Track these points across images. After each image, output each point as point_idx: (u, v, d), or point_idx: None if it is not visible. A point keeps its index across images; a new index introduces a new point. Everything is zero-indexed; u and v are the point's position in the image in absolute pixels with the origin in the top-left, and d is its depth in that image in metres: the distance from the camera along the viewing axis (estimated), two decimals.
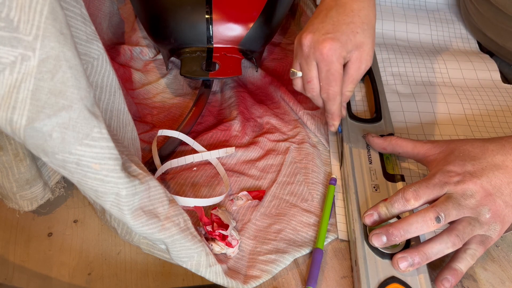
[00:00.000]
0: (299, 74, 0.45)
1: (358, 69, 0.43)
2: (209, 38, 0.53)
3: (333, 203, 0.44)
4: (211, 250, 0.38)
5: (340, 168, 0.47)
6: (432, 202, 0.36)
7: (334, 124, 0.46)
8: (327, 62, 0.41)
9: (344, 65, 0.43)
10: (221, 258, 0.39)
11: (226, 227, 0.40)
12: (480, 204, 0.35)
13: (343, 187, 0.45)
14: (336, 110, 0.45)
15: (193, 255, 0.35)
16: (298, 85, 0.46)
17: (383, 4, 0.69)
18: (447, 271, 0.35)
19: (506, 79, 0.61)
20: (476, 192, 0.35)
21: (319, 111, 0.54)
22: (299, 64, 0.44)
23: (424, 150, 0.41)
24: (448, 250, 0.34)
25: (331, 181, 0.45)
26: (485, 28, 0.59)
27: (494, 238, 0.35)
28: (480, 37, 0.63)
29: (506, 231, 0.38)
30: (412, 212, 0.37)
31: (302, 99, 0.57)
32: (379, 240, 0.35)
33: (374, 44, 0.43)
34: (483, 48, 0.65)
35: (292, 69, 0.45)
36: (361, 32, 0.42)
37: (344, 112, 0.48)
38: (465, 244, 0.35)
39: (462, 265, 0.35)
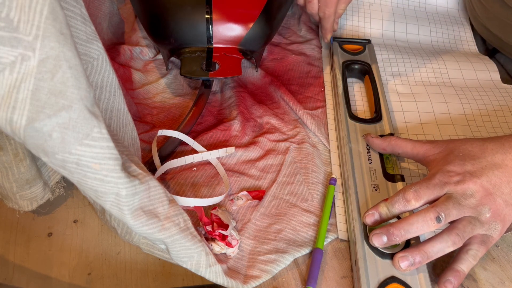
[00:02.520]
0: None
1: None
2: (209, 38, 0.53)
3: (333, 203, 0.44)
4: (211, 250, 0.38)
5: (331, 66, 0.59)
6: (432, 202, 0.36)
7: (327, 37, 0.61)
8: None
9: None
10: (221, 258, 0.39)
11: (226, 227, 0.40)
12: (481, 204, 0.35)
13: (343, 187, 0.45)
14: (329, 27, 0.59)
15: (193, 255, 0.35)
16: (300, 1, 0.59)
17: (383, 4, 0.69)
18: (450, 273, 0.35)
19: (510, 76, 0.61)
20: (476, 191, 0.35)
21: (319, 111, 0.54)
22: None
23: (424, 150, 0.41)
24: (449, 249, 0.34)
25: (331, 181, 0.45)
26: (490, 24, 0.59)
27: (495, 238, 0.35)
28: (485, 33, 0.62)
29: (506, 231, 0.37)
30: (412, 212, 0.37)
31: (302, 99, 0.57)
32: (380, 240, 0.35)
33: None
34: (487, 45, 0.65)
35: None
36: None
37: (336, 26, 0.60)
38: (466, 245, 0.35)
39: (464, 266, 0.35)
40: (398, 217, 0.38)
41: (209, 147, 0.50)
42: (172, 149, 0.50)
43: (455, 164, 0.36)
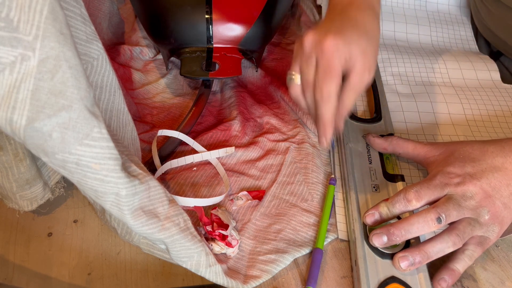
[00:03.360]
0: (298, 78, 0.39)
1: (361, 79, 0.37)
2: (209, 38, 0.53)
3: (333, 203, 0.44)
4: (211, 250, 0.38)
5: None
6: (432, 203, 0.36)
7: (326, 136, 0.39)
8: (327, 57, 0.36)
9: (346, 75, 0.38)
10: (221, 258, 0.39)
11: (226, 227, 0.40)
12: (480, 206, 0.35)
13: (343, 187, 0.45)
14: (329, 115, 0.37)
15: (193, 255, 0.35)
16: (295, 91, 0.40)
17: (383, 4, 0.69)
18: (445, 271, 0.35)
19: None
20: (476, 193, 0.35)
21: None
22: (298, 66, 0.39)
23: (424, 151, 0.41)
24: (449, 249, 0.34)
25: (330, 181, 0.45)
26: (494, 27, 0.59)
27: (492, 240, 0.36)
28: (490, 36, 0.62)
29: (503, 235, 0.38)
30: (412, 212, 0.37)
31: None
32: (380, 240, 0.35)
33: (377, 56, 0.39)
34: (492, 48, 0.65)
35: (289, 73, 0.40)
36: (366, 39, 0.38)
37: (342, 124, 0.40)
38: (463, 245, 0.36)
39: (460, 265, 0.35)
40: (398, 217, 0.38)
41: (209, 147, 0.50)
42: (172, 149, 0.50)
43: (455, 166, 0.37)
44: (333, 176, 0.46)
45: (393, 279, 0.35)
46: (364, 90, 0.39)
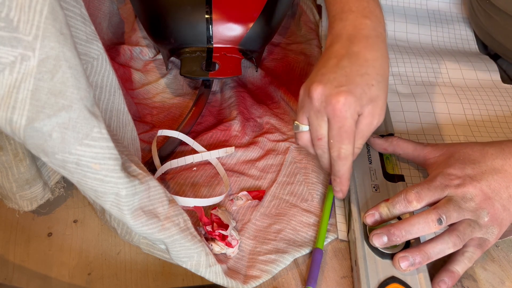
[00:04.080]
0: (305, 128, 0.39)
1: (369, 125, 0.37)
2: (209, 38, 0.53)
3: (333, 203, 0.44)
4: (211, 250, 0.38)
5: (348, 234, 0.41)
6: (432, 204, 0.36)
7: (343, 189, 0.40)
8: (340, 119, 0.36)
9: None
10: (221, 258, 0.39)
11: (226, 227, 0.40)
12: (480, 207, 0.35)
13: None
14: (346, 172, 0.39)
15: (193, 255, 0.35)
16: (303, 139, 0.40)
17: (383, 3, 0.69)
18: (444, 273, 0.36)
19: None
20: (475, 195, 0.35)
21: None
22: (306, 118, 0.39)
23: (424, 152, 0.41)
24: (449, 250, 0.34)
25: (330, 181, 0.45)
26: (493, 31, 0.59)
27: (491, 241, 0.36)
28: (488, 39, 0.62)
29: (502, 237, 0.38)
30: (412, 213, 0.38)
31: None
32: (380, 240, 0.35)
33: (387, 98, 0.38)
34: (489, 51, 0.65)
35: (296, 122, 0.40)
36: (376, 84, 0.37)
37: (351, 171, 0.40)
38: (463, 247, 0.36)
39: (459, 267, 0.36)
40: (399, 218, 0.38)
41: (209, 147, 0.50)
42: (172, 149, 0.50)
43: (455, 167, 0.37)
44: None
45: (393, 279, 0.35)
46: (371, 134, 0.39)
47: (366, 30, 0.38)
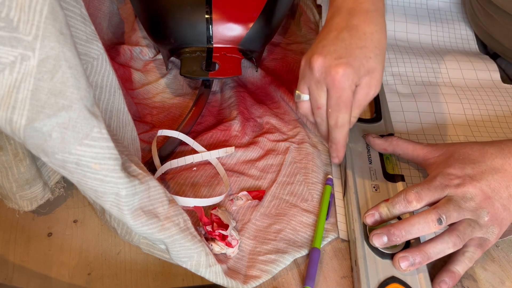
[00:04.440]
0: (306, 97, 0.41)
1: (366, 95, 0.40)
2: (209, 38, 0.53)
3: (333, 203, 0.44)
4: (211, 250, 0.38)
5: (343, 197, 0.44)
6: (432, 204, 0.36)
7: (339, 155, 0.43)
8: (339, 89, 0.38)
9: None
10: (221, 258, 0.39)
11: (226, 227, 0.40)
12: (480, 207, 0.35)
13: (343, 187, 0.45)
14: (342, 139, 0.42)
15: (193, 255, 0.35)
16: (304, 108, 0.42)
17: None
18: (445, 274, 0.36)
19: (511, 80, 0.61)
20: (475, 195, 0.35)
21: None
22: (307, 87, 0.41)
23: (424, 152, 0.41)
24: (449, 250, 0.34)
25: (327, 182, 0.46)
26: (491, 30, 0.59)
27: (491, 241, 0.36)
28: (487, 38, 0.62)
29: (502, 236, 0.38)
30: (412, 213, 0.38)
31: None
32: (380, 240, 0.35)
33: (383, 70, 0.40)
34: (489, 50, 0.65)
35: (297, 92, 0.42)
36: (374, 57, 0.39)
37: (347, 138, 0.43)
38: (463, 247, 0.36)
39: (460, 267, 0.36)
40: (399, 218, 0.38)
41: (209, 147, 0.50)
42: (172, 149, 0.50)
43: (455, 167, 0.37)
44: (330, 176, 0.46)
45: (393, 279, 0.35)
46: (367, 104, 0.41)
47: (366, 4, 0.40)
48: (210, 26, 0.53)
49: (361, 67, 0.38)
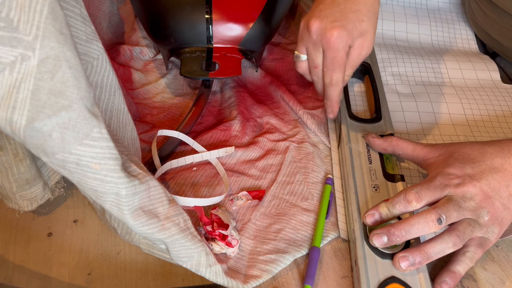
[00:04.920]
0: (304, 57, 0.45)
1: (359, 55, 0.44)
2: (209, 38, 0.53)
3: (334, 202, 0.44)
4: (211, 250, 0.38)
5: (338, 147, 0.48)
6: (432, 204, 0.36)
7: (334, 110, 0.48)
8: (333, 50, 0.42)
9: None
10: (221, 258, 0.39)
11: (226, 227, 0.40)
12: (480, 207, 0.35)
13: (343, 187, 0.45)
14: (336, 96, 0.46)
15: (193, 255, 0.35)
16: (302, 67, 0.47)
17: (384, 3, 0.69)
18: (446, 274, 0.35)
19: (511, 80, 0.61)
20: (475, 194, 0.35)
21: (319, 111, 0.54)
22: (305, 48, 0.45)
23: (424, 153, 0.41)
24: (449, 250, 0.34)
25: (327, 181, 0.46)
26: (490, 29, 0.59)
27: (492, 241, 0.36)
28: (485, 38, 0.63)
29: (503, 236, 0.38)
30: (412, 213, 0.38)
31: (302, 99, 0.57)
32: (380, 240, 0.35)
33: (375, 32, 0.44)
34: (488, 49, 0.65)
35: (296, 52, 0.46)
36: (367, 20, 0.42)
37: (341, 95, 0.48)
38: (464, 247, 0.36)
39: (461, 267, 0.36)
40: (399, 218, 0.38)
41: (209, 147, 0.50)
42: (172, 149, 0.50)
43: (455, 167, 0.37)
44: (329, 176, 0.46)
45: (393, 279, 0.35)
46: (360, 63, 0.45)
47: None
48: (210, 26, 0.53)
49: (355, 29, 0.42)
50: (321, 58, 0.44)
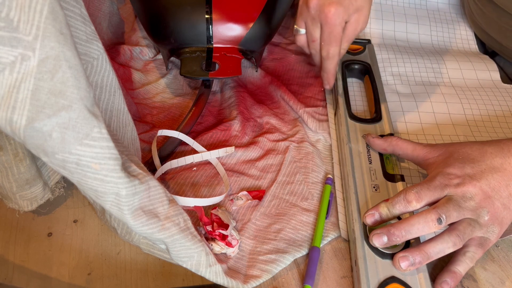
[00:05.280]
0: (303, 31, 0.49)
1: (354, 30, 0.46)
2: (209, 38, 0.53)
3: (331, 202, 0.44)
4: (211, 250, 0.38)
5: (335, 115, 0.52)
6: (432, 204, 0.36)
7: (331, 81, 0.51)
8: (331, 25, 0.45)
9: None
10: (221, 258, 0.39)
11: (226, 227, 0.40)
12: (480, 206, 0.35)
13: (343, 187, 0.45)
14: (333, 69, 0.50)
15: (193, 255, 0.35)
16: (301, 41, 0.50)
17: (384, 3, 0.69)
18: (446, 274, 0.35)
19: (510, 79, 0.61)
20: (475, 194, 0.35)
21: (320, 110, 0.54)
22: (304, 22, 0.48)
23: (423, 153, 0.41)
24: (449, 249, 0.34)
25: (327, 181, 0.46)
26: (489, 28, 0.59)
27: (492, 240, 0.36)
28: (484, 37, 0.63)
29: (503, 236, 0.38)
30: (412, 213, 0.38)
31: (302, 98, 0.57)
32: (380, 240, 0.35)
33: (370, 8, 0.46)
34: (487, 48, 0.65)
35: (296, 26, 0.49)
36: None
37: (337, 68, 0.52)
38: (464, 247, 0.36)
39: (461, 267, 0.35)
40: (398, 218, 0.38)
41: (209, 147, 0.50)
42: (172, 149, 0.50)
43: (455, 167, 0.37)
44: (329, 176, 0.46)
45: (393, 279, 0.35)
46: (355, 38, 0.48)
47: None
48: (210, 26, 0.53)
49: (351, 5, 0.44)
50: (319, 32, 0.47)
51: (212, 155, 0.48)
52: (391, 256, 0.36)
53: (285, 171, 0.47)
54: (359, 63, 0.58)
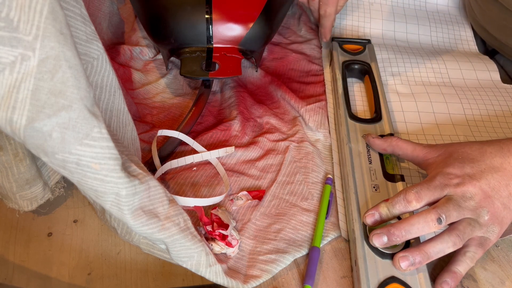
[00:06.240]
0: None
1: None
2: (209, 38, 0.53)
3: (334, 202, 0.44)
4: (211, 250, 0.38)
5: (329, 65, 0.60)
6: (431, 204, 0.36)
7: (327, 36, 0.62)
8: None
9: None
10: (221, 258, 0.39)
11: (226, 227, 0.40)
12: (480, 206, 0.35)
13: (343, 187, 0.45)
14: (329, 26, 0.60)
15: (193, 255, 0.35)
16: None
17: (383, 3, 0.69)
18: (447, 274, 0.35)
19: (510, 77, 0.61)
20: (475, 194, 0.35)
21: (320, 108, 0.54)
22: None
23: (423, 153, 0.41)
24: (449, 249, 0.34)
25: (327, 181, 0.46)
26: (488, 26, 0.59)
27: (492, 240, 0.36)
28: (484, 35, 0.63)
29: (503, 235, 0.38)
30: (412, 213, 0.38)
31: (302, 97, 0.57)
32: (380, 240, 0.35)
33: None
34: (487, 46, 0.65)
35: None
36: None
37: (334, 23, 0.62)
38: (464, 247, 0.36)
39: (461, 267, 0.35)
40: (398, 217, 0.38)
41: (209, 147, 0.50)
42: (172, 149, 0.50)
43: (454, 166, 0.37)
44: (329, 176, 0.46)
45: (393, 279, 0.35)
46: None
47: None
48: (210, 26, 0.53)
49: None
50: None
51: (212, 155, 0.48)
52: (391, 256, 0.36)
53: (285, 171, 0.47)
54: (359, 63, 0.58)
